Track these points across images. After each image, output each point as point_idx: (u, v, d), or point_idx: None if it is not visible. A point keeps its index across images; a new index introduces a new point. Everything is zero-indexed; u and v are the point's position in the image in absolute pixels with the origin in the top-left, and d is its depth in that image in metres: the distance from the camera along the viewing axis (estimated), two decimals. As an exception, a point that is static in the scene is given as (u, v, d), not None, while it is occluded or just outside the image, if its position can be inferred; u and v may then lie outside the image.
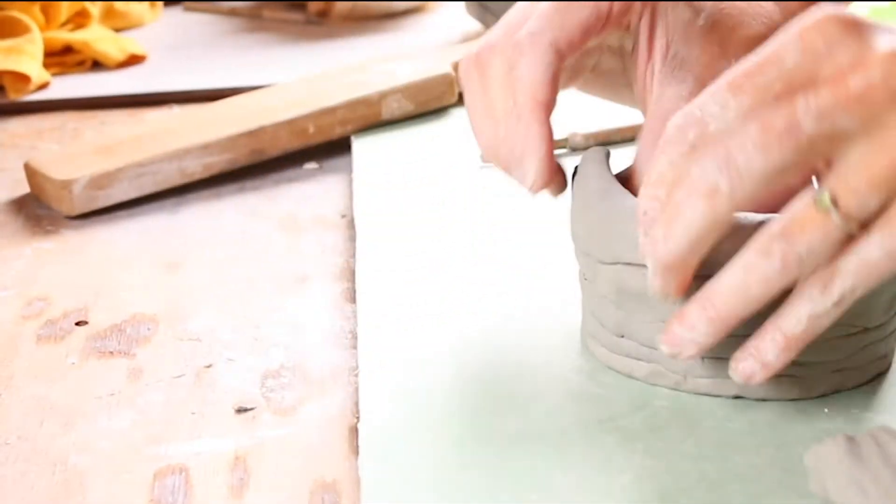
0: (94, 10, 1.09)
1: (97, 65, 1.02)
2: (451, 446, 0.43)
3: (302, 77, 0.86)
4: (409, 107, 0.81)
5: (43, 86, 0.95)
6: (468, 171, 0.72)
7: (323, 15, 1.18)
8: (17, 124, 0.89)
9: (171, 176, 0.72)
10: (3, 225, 0.70)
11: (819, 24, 0.38)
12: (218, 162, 0.74)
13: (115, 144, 0.74)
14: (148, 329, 0.55)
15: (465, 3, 1.08)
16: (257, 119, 0.76)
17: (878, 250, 0.38)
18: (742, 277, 0.40)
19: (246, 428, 0.46)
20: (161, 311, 0.57)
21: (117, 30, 1.12)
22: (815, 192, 0.38)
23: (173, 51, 1.08)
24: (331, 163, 0.78)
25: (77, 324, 0.56)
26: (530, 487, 0.40)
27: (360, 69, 0.85)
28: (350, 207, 0.70)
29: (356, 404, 0.48)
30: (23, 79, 0.92)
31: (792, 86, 0.38)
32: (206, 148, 0.73)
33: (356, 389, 0.49)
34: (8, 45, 0.94)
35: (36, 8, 1.03)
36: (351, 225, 0.67)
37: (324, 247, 0.65)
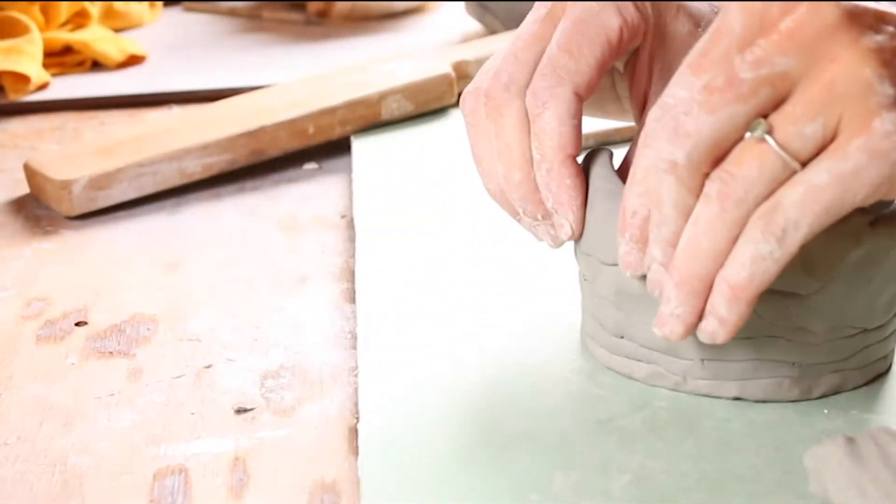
0: (94, 10, 1.09)
1: (97, 65, 1.02)
2: (450, 447, 0.43)
3: (302, 77, 0.86)
4: (408, 107, 0.81)
5: (43, 86, 0.95)
6: (468, 171, 0.72)
7: (323, 15, 1.18)
8: (17, 125, 0.89)
9: (170, 176, 0.72)
10: (3, 225, 0.70)
11: None
12: (218, 162, 0.74)
13: (114, 145, 0.74)
14: (148, 329, 0.55)
15: (464, 3, 1.08)
16: (257, 119, 0.76)
17: (825, 174, 0.37)
18: (691, 232, 0.39)
19: (245, 428, 0.46)
20: (161, 311, 0.57)
21: (117, 30, 1.12)
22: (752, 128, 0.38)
23: (173, 51, 1.08)
24: (330, 163, 0.78)
25: (77, 324, 0.56)
26: (530, 487, 0.40)
27: (360, 69, 0.85)
28: (350, 208, 0.70)
29: (356, 405, 0.48)
30: (22, 79, 0.92)
31: (741, 49, 0.38)
32: (206, 148, 0.73)
33: (356, 390, 0.49)
34: (7, 46, 0.94)
35: (35, 8, 1.03)
36: (351, 225, 0.67)
37: (323, 247, 0.65)
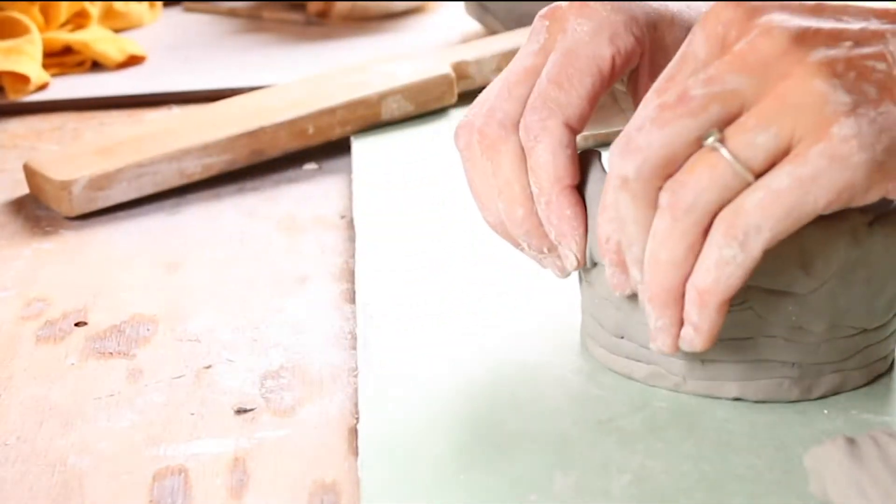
0: (94, 10, 1.09)
1: (96, 65, 1.02)
2: (450, 447, 0.43)
3: (302, 77, 0.86)
4: (408, 107, 0.81)
5: (42, 86, 0.95)
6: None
7: (322, 15, 1.18)
8: (17, 125, 0.89)
9: (170, 176, 0.72)
10: (3, 225, 0.70)
11: (716, 13, 0.40)
12: (217, 162, 0.74)
13: (114, 145, 0.74)
14: (147, 330, 0.55)
15: (464, 3, 1.08)
16: (257, 119, 0.76)
17: (785, 178, 0.37)
18: (651, 246, 0.40)
19: (245, 429, 0.46)
20: (160, 311, 0.57)
21: (117, 30, 1.12)
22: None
23: (173, 51, 1.08)
24: (330, 163, 0.78)
25: (76, 324, 0.56)
26: (530, 488, 0.40)
27: (360, 69, 0.85)
28: (350, 208, 0.70)
29: (356, 405, 0.48)
30: (22, 79, 0.92)
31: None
32: (206, 148, 0.73)
33: (356, 390, 0.49)
34: (7, 46, 0.94)
35: (35, 8, 1.02)
36: (350, 225, 0.67)
37: (323, 247, 0.65)
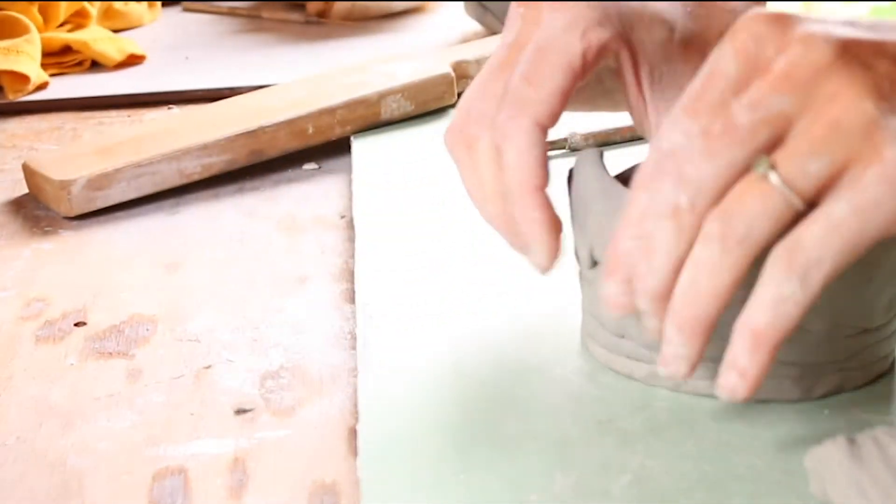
0: (93, 10, 1.09)
1: (96, 65, 1.02)
2: (450, 447, 0.43)
3: (301, 77, 0.86)
4: (408, 107, 0.81)
5: (41, 86, 0.95)
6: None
7: (322, 15, 1.18)
8: (16, 125, 0.89)
9: (169, 176, 0.72)
10: (2, 226, 0.69)
11: (746, 27, 0.39)
12: (217, 162, 0.74)
13: (113, 145, 0.74)
14: (147, 330, 0.55)
15: (464, 3, 1.08)
16: (256, 119, 0.76)
17: (844, 206, 0.36)
18: (691, 274, 0.38)
19: (245, 429, 0.46)
20: (160, 311, 0.57)
21: (116, 30, 1.12)
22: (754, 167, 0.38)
23: (172, 51, 1.08)
24: (330, 163, 0.78)
25: (76, 324, 0.56)
26: (530, 488, 0.40)
27: (359, 69, 0.85)
28: (349, 208, 0.70)
29: (355, 405, 0.47)
30: (21, 79, 0.92)
31: (737, 92, 0.38)
32: (205, 148, 0.73)
33: (355, 390, 0.48)
34: (6, 46, 0.94)
35: (34, 8, 1.02)
36: (350, 225, 0.67)
37: (323, 247, 0.65)
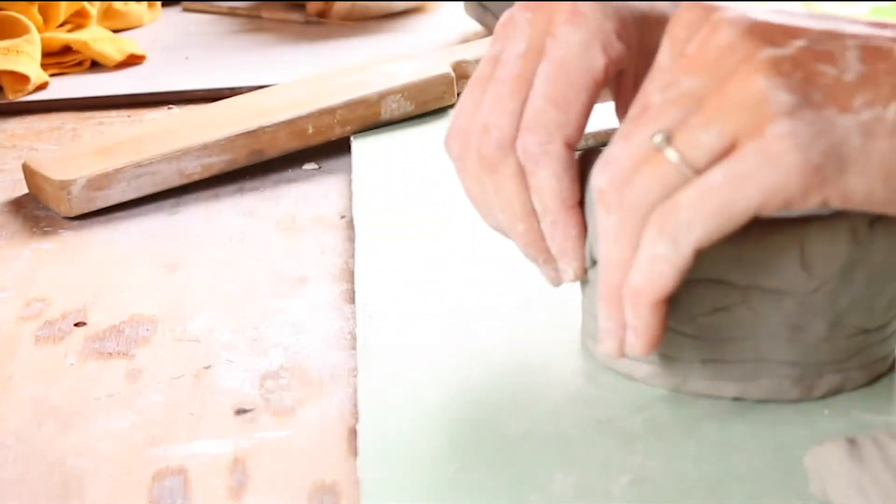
0: (93, 10, 1.09)
1: (96, 65, 1.02)
2: (450, 447, 0.43)
3: (301, 77, 0.86)
4: (408, 107, 0.81)
5: (41, 86, 0.95)
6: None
7: (322, 15, 1.18)
8: (16, 125, 0.89)
9: (169, 176, 0.72)
10: (2, 226, 0.69)
11: (678, 18, 0.41)
12: (217, 162, 0.74)
13: (113, 145, 0.73)
14: (147, 330, 0.55)
15: (464, 3, 1.08)
16: (256, 119, 0.76)
17: (718, 175, 0.37)
18: (603, 244, 0.40)
19: (245, 429, 0.46)
20: (160, 311, 0.57)
21: (116, 30, 1.12)
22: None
23: (172, 51, 1.08)
24: (330, 163, 0.78)
25: (76, 325, 0.56)
26: (530, 488, 0.40)
27: (359, 69, 0.85)
28: (349, 208, 0.70)
29: (355, 405, 0.47)
30: (21, 79, 0.92)
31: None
32: (205, 148, 0.73)
33: (355, 390, 0.48)
34: (6, 46, 0.94)
35: (34, 8, 1.02)
36: (350, 225, 0.67)
37: (323, 247, 0.65)
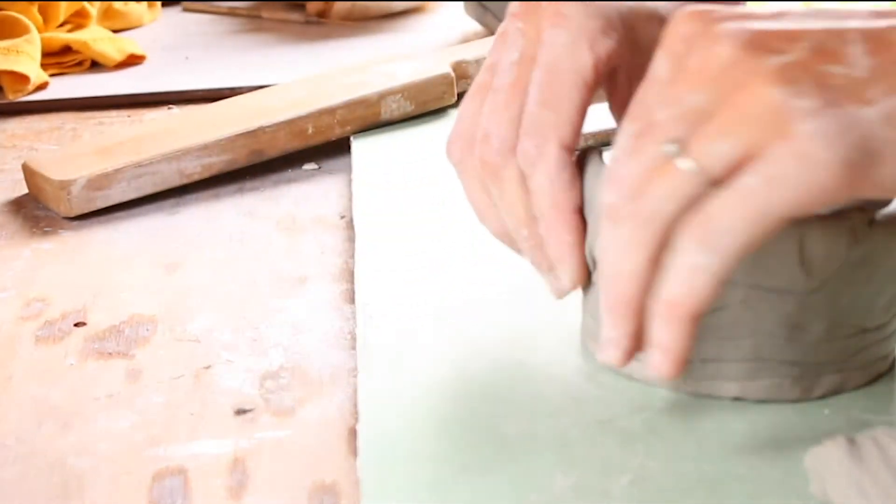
0: (93, 10, 1.09)
1: (96, 65, 1.02)
2: (450, 447, 0.43)
3: (301, 77, 0.86)
4: (408, 107, 0.81)
5: (41, 86, 0.95)
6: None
7: (322, 15, 1.18)
8: (16, 125, 0.89)
9: (169, 177, 0.72)
10: (2, 226, 0.69)
11: (674, 29, 0.39)
12: (217, 162, 0.74)
13: (113, 145, 0.73)
14: (147, 330, 0.55)
15: (464, 3, 1.08)
16: (256, 119, 0.76)
17: (753, 179, 0.36)
18: (611, 256, 0.39)
19: (245, 429, 0.46)
20: (160, 311, 0.57)
21: (116, 30, 1.12)
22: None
23: (172, 51, 1.07)
24: (330, 163, 0.78)
25: (76, 325, 0.56)
26: (530, 488, 0.40)
27: (359, 69, 0.85)
28: (349, 208, 0.70)
29: (355, 405, 0.47)
30: (21, 79, 0.92)
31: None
32: (205, 148, 0.73)
33: (355, 390, 0.48)
34: (6, 46, 0.94)
35: (34, 8, 1.02)
36: (350, 226, 0.67)
37: (323, 247, 0.65)
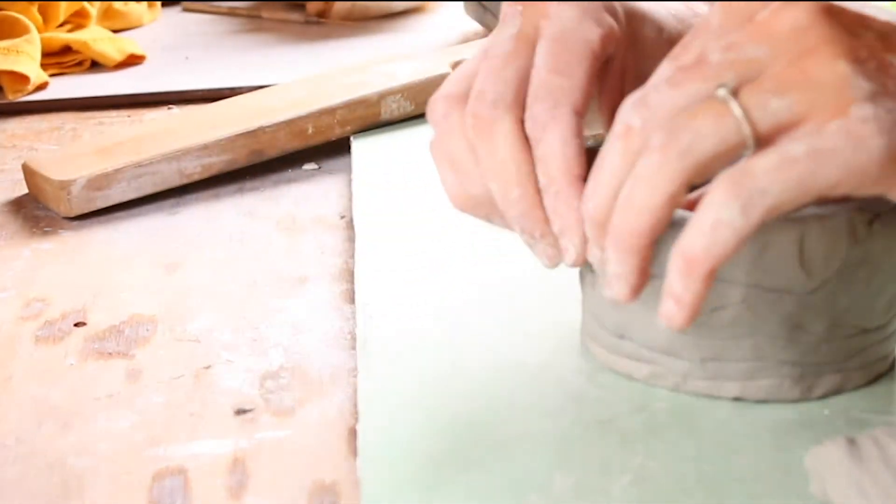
0: (93, 10, 1.09)
1: (95, 65, 1.02)
2: (450, 447, 0.43)
3: (301, 77, 0.86)
4: (408, 107, 0.81)
5: (41, 86, 0.95)
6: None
7: (322, 15, 1.18)
8: (16, 125, 0.89)
9: (169, 177, 0.72)
10: (2, 226, 0.69)
11: None
12: (217, 162, 0.74)
13: (113, 145, 0.73)
14: (147, 330, 0.55)
15: (464, 3, 1.08)
16: (256, 119, 0.76)
17: (801, 147, 0.35)
18: (630, 186, 0.38)
19: (245, 429, 0.46)
20: (160, 311, 0.57)
21: (116, 30, 1.12)
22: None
23: (172, 51, 1.07)
24: (330, 163, 0.78)
25: (76, 325, 0.56)
26: (530, 488, 0.40)
27: (359, 69, 0.85)
28: (349, 208, 0.70)
29: (355, 405, 0.47)
30: (21, 79, 0.92)
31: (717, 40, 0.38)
32: (205, 148, 0.73)
33: (355, 390, 0.48)
34: (6, 46, 0.94)
35: (34, 8, 1.02)
36: (350, 226, 0.67)
37: (323, 248, 0.65)
